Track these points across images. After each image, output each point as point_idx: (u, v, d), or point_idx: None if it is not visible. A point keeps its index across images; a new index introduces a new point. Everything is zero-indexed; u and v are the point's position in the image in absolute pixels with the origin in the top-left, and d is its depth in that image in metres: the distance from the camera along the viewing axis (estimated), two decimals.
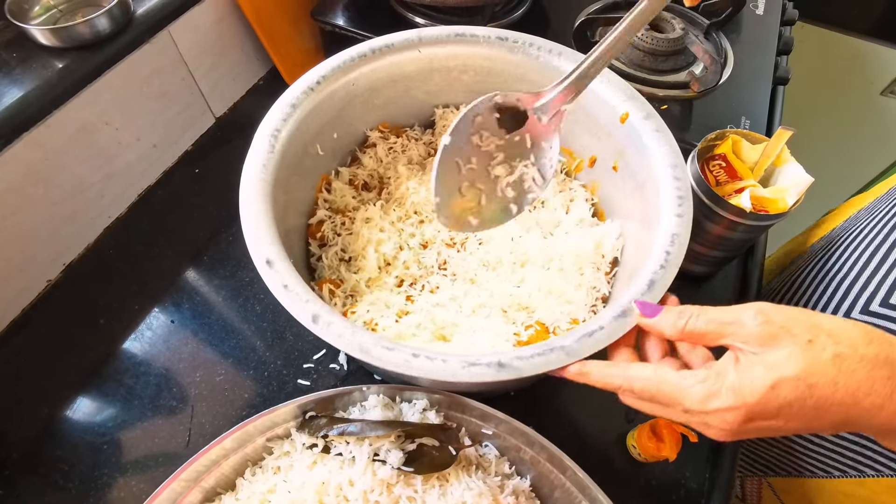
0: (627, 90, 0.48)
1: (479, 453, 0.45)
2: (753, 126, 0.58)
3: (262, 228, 0.40)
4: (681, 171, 0.42)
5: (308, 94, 0.47)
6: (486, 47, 0.52)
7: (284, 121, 0.46)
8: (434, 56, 0.53)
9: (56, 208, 0.54)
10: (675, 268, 0.37)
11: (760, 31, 0.71)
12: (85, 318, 0.54)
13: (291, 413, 0.44)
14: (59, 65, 0.51)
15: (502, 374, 0.33)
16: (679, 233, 0.39)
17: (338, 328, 0.36)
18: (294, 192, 0.49)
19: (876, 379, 0.26)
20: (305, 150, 0.49)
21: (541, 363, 0.34)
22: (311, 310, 0.36)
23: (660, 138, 0.45)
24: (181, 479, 0.40)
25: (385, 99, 0.55)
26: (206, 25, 0.63)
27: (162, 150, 0.64)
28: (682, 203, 0.41)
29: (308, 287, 0.38)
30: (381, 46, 0.51)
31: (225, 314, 0.55)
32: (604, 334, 0.35)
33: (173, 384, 0.51)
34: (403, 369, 0.34)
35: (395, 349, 0.35)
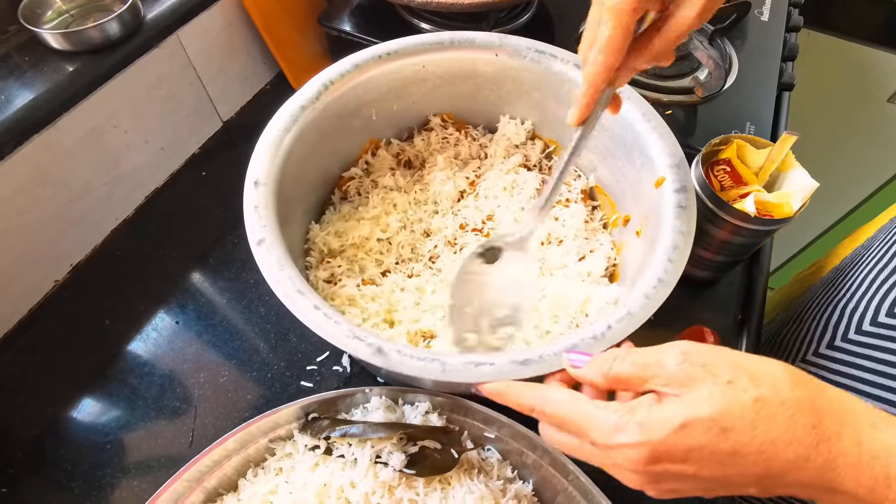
0: (677, 154, 0.45)
1: (482, 457, 0.44)
2: (758, 131, 0.58)
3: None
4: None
5: (377, 61, 0.51)
6: (561, 64, 0.52)
7: (342, 76, 0.50)
8: (508, 65, 0.53)
9: (64, 209, 0.54)
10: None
11: (765, 38, 0.71)
12: (91, 319, 0.55)
13: (294, 414, 0.44)
14: (69, 68, 0.52)
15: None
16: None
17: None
18: (337, 142, 0.54)
19: (799, 426, 0.23)
20: (358, 111, 0.53)
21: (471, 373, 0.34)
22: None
23: (681, 213, 0.41)
24: (183, 479, 0.40)
25: (455, 92, 0.57)
26: (215, 30, 0.64)
27: (169, 153, 0.65)
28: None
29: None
30: (459, 40, 0.52)
31: (229, 316, 0.56)
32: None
33: (177, 385, 0.51)
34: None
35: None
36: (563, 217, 0.52)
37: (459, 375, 0.33)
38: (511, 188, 0.55)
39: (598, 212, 0.55)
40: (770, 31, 0.72)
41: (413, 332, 0.47)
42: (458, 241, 0.53)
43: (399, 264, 0.52)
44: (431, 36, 0.52)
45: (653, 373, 0.26)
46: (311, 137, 0.49)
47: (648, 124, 0.46)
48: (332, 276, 0.50)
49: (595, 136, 0.49)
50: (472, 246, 0.52)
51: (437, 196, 0.56)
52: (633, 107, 0.46)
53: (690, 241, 0.39)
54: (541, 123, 0.58)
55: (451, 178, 0.56)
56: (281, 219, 0.43)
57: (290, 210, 0.47)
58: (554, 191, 0.39)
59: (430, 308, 0.48)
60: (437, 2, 0.59)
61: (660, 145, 0.44)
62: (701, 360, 0.25)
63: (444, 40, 0.52)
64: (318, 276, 0.50)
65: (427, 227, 0.55)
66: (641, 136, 0.46)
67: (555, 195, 0.40)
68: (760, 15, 0.74)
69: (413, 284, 0.49)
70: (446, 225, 0.54)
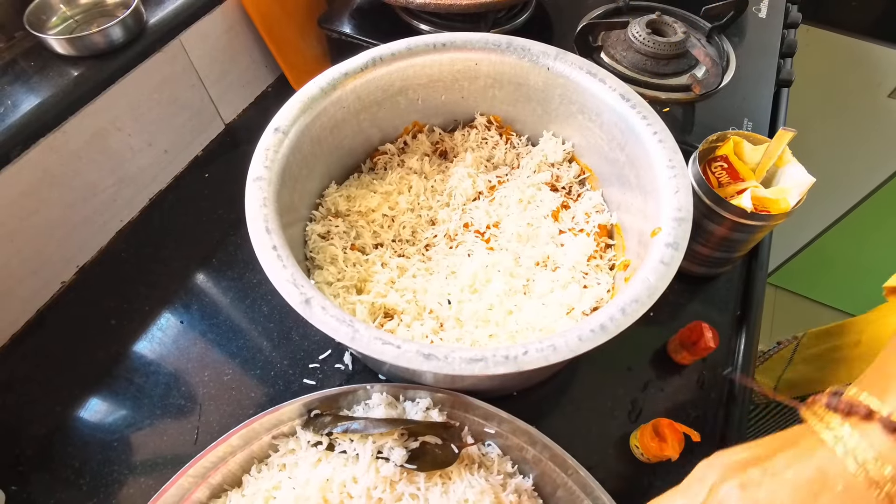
0: (684, 208, 0.41)
1: (482, 452, 0.45)
2: (756, 128, 0.59)
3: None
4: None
5: (430, 49, 0.53)
6: (608, 91, 0.50)
7: (393, 55, 0.52)
8: (557, 81, 0.54)
9: (70, 211, 0.55)
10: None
11: (763, 34, 0.71)
12: (97, 319, 0.56)
13: (297, 411, 0.45)
14: (74, 73, 0.52)
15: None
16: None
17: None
18: (380, 114, 0.56)
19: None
20: (403, 91, 0.56)
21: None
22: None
23: (658, 269, 0.39)
24: (188, 475, 0.41)
25: (505, 97, 0.58)
26: (216, 34, 0.65)
27: (173, 156, 0.66)
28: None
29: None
30: (516, 46, 0.53)
31: (233, 315, 0.56)
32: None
33: (182, 384, 0.52)
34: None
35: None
36: (568, 245, 0.52)
37: (364, 347, 0.34)
38: (527, 202, 0.55)
39: (612, 251, 0.53)
40: (768, 27, 0.72)
41: (377, 306, 0.48)
42: (457, 238, 0.54)
43: (395, 242, 0.54)
44: (491, 37, 0.53)
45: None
46: (350, 102, 0.52)
47: (671, 171, 0.43)
48: (328, 233, 0.52)
49: (627, 172, 0.50)
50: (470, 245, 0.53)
51: (453, 190, 0.57)
52: (663, 152, 0.45)
53: (651, 299, 0.37)
54: (582, 148, 0.57)
55: (472, 177, 0.57)
56: (294, 169, 0.47)
57: (310, 164, 0.50)
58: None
59: (402, 289, 0.49)
60: (434, 3, 0.60)
61: (673, 198, 0.42)
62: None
63: (501, 43, 0.53)
64: (314, 229, 0.51)
65: (434, 216, 0.56)
66: (661, 184, 0.44)
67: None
68: (758, 12, 0.74)
69: (396, 263, 0.51)
70: (451, 219, 0.55)
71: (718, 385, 0.52)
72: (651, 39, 0.62)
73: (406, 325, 0.47)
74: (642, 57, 0.63)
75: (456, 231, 0.54)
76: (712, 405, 0.51)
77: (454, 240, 0.54)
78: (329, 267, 0.49)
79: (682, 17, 0.71)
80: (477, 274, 0.50)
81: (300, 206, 0.50)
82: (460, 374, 0.33)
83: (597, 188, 0.57)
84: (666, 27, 0.64)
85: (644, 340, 0.55)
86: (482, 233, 0.54)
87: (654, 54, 0.62)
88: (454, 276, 0.51)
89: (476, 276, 0.49)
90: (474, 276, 0.49)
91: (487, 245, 0.53)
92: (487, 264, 0.50)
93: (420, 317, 0.48)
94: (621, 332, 0.35)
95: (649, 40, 0.62)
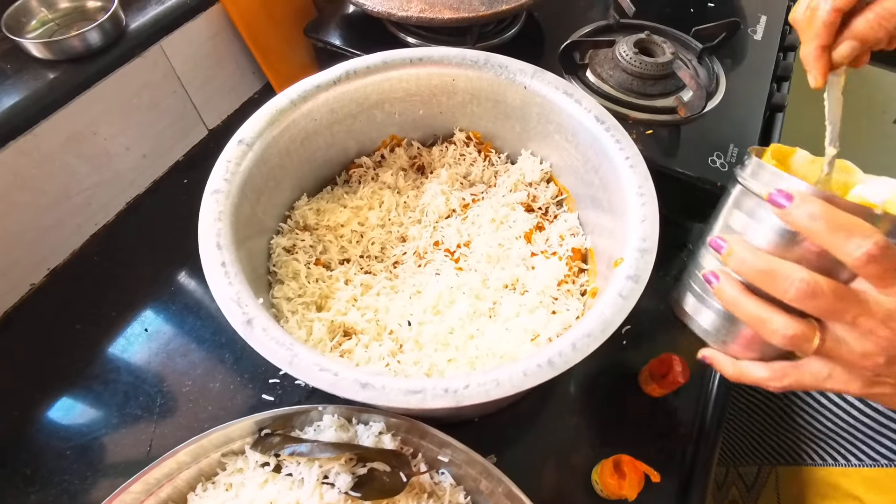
0: (649, 239, 0.40)
1: (435, 481, 0.44)
2: (741, 154, 0.57)
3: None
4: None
5: (406, 63, 0.52)
6: (583, 112, 0.49)
7: (368, 68, 0.52)
8: (535, 100, 0.53)
9: (42, 214, 0.55)
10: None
11: (757, 57, 0.69)
12: (63, 323, 0.55)
13: (248, 429, 0.44)
14: (50, 76, 0.52)
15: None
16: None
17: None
18: (356, 127, 0.55)
19: None
20: (380, 104, 0.55)
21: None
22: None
23: (616, 302, 0.37)
24: (130, 490, 0.40)
25: (484, 113, 0.57)
26: (200, 40, 0.65)
27: (152, 160, 0.65)
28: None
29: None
30: (494, 63, 0.52)
31: (198, 326, 0.56)
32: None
33: (140, 393, 0.51)
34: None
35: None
36: (539, 268, 0.50)
37: (302, 373, 0.33)
38: (500, 222, 0.54)
39: (585, 276, 0.51)
40: (763, 50, 0.71)
41: (336, 324, 0.47)
42: (426, 256, 0.53)
43: (363, 258, 0.53)
44: (468, 52, 0.52)
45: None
46: (323, 115, 0.51)
47: (641, 198, 0.42)
48: (293, 246, 0.51)
49: (601, 196, 0.49)
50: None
51: (425, 207, 0.56)
52: (633, 178, 0.43)
53: (605, 334, 0.35)
54: (559, 168, 0.56)
55: (445, 194, 0.56)
56: (259, 182, 0.47)
57: (277, 176, 0.50)
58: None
59: (363, 307, 0.47)
60: (416, 16, 0.59)
61: (638, 227, 0.41)
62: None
63: (478, 59, 0.52)
64: (279, 242, 0.50)
65: (404, 232, 0.55)
66: (629, 211, 0.42)
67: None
68: (754, 34, 0.72)
69: (361, 280, 0.49)
70: (422, 236, 0.54)
71: (688, 420, 0.50)
72: (638, 59, 0.61)
73: (364, 345, 0.46)
74: (629, 77, 0.62)
75: (426, 249, 0.53)
76: (681, 441, 0.49)
77: (423, 258, 0.53)
78: (290, 282, 0.48)
79: (673, 38, 0.70)
80: (441, 295, 0.48)
81: (265, 219, 0.50)
82: (396, 406, 0.32)
83: (573, 210, 0.56)
84: (654, 47, 0.63)
85: (616, 369, 0.54)
86: (452, 252, 0.53)
87: (641, 74, 0.61)
88: (419, 295, 0.49)
89: (440, 297, 0.48)
90: (438, 297, 0.48)
91: (457, 265, 0.52)
92: (453, 285, 0.49)
93: (379, 337, 0.47)
94: (594, 357, 0.34)
95: (636, 60, 0.61)
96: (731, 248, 0.31)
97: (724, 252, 0.31)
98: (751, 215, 0.33)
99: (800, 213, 0.27)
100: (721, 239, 0.31)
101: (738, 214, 0.34)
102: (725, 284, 0.31)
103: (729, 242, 0.31)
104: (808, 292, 0.27)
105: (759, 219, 0.32)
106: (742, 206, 0.34)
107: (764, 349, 0.34)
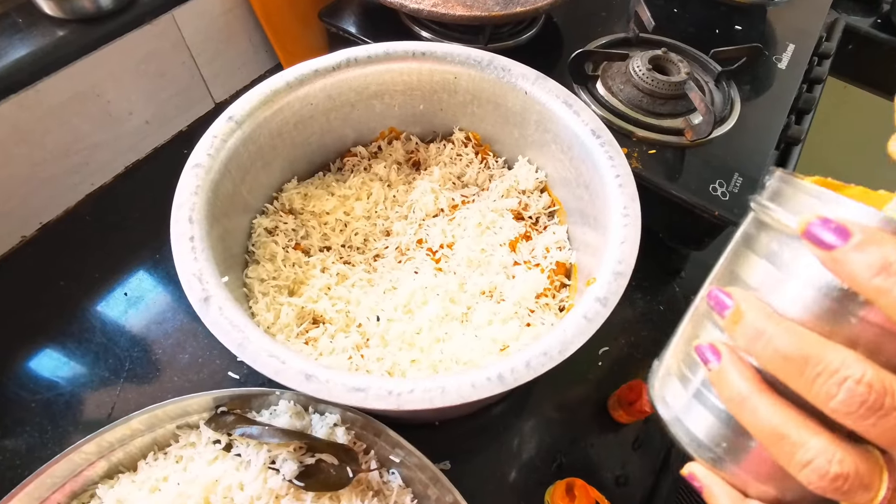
0: (625, 262, 0.39)
1: (384, 479, 0.43)
2: (745, 185, 0.55)
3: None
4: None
5: (408, 57, 0.52)
6: (581, 125, 0.48)
7: (369, 57, 0.51)
8: (535, 108, 0.52)
9: (38, 169, 0.56)
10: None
11: (778, 86, 0.67)
12: (47, 278, 0.56)
13: (205, 405, 0.44)
14: (59, 33, 0.53)
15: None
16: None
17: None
18: (354, 115, 0.55)
19: None
20: (379, 95, 0.54)
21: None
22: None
23: (579, 324, 0.36)
24: (82, 451, 0.41)
25: (484, 114, 0.56)
26: (213, 14, 0.65)
27: (155, 127, 0.66)
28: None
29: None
30: (497, 65, 0.52)
31: (177, 296, 0.56)
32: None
33: (110, 356, 0.52)
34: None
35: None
36: (519, 278, 0.49)
37: (249, 358, 0.33)
38: (486, 227, 0.53)
39: (566, 291, 0.50)
40: (786, 79, 0.68)
41: (306, 311, 0.46)
42: (408, 253, 0.52)
43: (343, 248, 0.52)
44: (472, 52, 0.52)
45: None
46: (320, 100, 0.51)
47: (625, 219, 0.41)
48: (275, 228, 0.51)
49: (589, 212, 0.48)
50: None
51: (413, 203, 0.55)
52: (620, 198, 0.42)
53: (562, 355, 0.34)
54: (554, 179, 0.55)
55: (435, 193, 0.55)
56: (245, 160, 0.47)
57: (266, 157, 0.50)
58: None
59: (335, 297, 0.47)
60: (428, 10, 0.58)
61: (617, 248, 0.40)
62: None
63: (482, 59, 0.52)
64: (261, 222, 0.51)
65: (389, 226, 0.54)
66: (611, 230, 0.41)
67: None
68: (778, 62, 0.70)
69: (338, 270, 0.49)
70: (406, 232, 0.53)
71: (654, 451, 0.49)
72: (650, 76, 0.59)
73: (330, 335, 0.46)
74: (639, 93, 0.60)
75: (408, 245, 0.53)
76: (641, 471, 0.48)
77: (405, 254, 0.52)
78: (266, 264, 0.48)
79: (692, 58, 0.68)
80: (415, 294, 0.48)
81: (250, 198, 0.50)
82: (338, 401, 0.31)
83: (564, 223, 0.54)
84: (669, 65, 0.61)
85: (588, 390, 0.52)
86: (434, 252, 0.52)
87: (652, 92, 0.59)
88: (393, 291, 0.49)
89: (413, 296, 0.48)
90: (411, 296, 0.48)
91: (437, 265, 0.51)
92: (428, 286, 0.48)
93: (347, 329, 0.46)
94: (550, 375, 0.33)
95: (648, 76, 0.59)
96: (739, 308, 0.19)
97: (727, 315, 0.20)
98: (773, 260, 0.20)
99: (862, 260, 0.16)
100: (724, 293, 0.20)
101: (751, 259, 0.21)
102: (729, 369, 0.20)
103: (736, 300, 0.20)
104: (870, 401, 0.16)
105: (785, 266, 0.20)
106: (758, 245, 0.21)
107: (786, 483, 0.20)
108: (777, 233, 0.20)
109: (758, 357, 0.19)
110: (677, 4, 0.79)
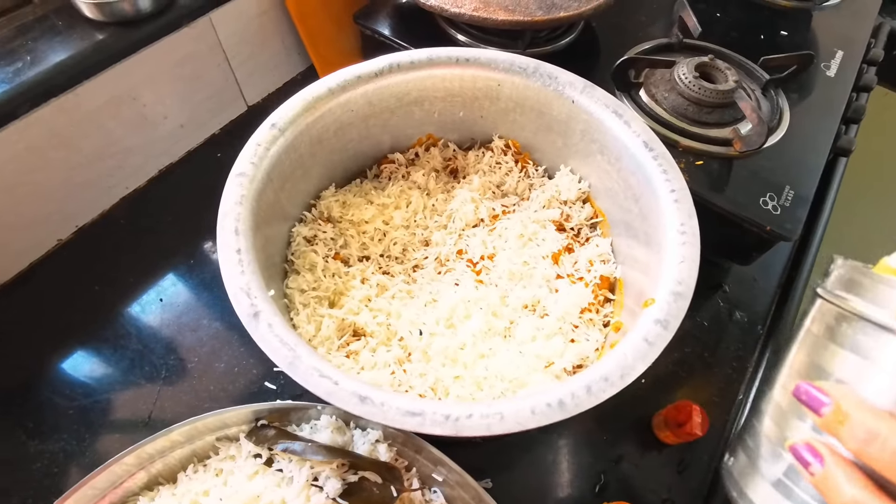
0: (685, 283, 0.38)
1: (427, 498, 0.42)
2: (797, 198, 0.53)
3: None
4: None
5: (451, 63, 0.51)
6: (632, 136, 0.46)
7: (412, 63, 0.50)
8: (581, 117, 0.51)
9: (74, 173, 0.56)
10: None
11: (828, 95, 0.64)
12: (83, 282, 0.56)
13: (244, 417, 0.43)
14: (98, 37, 0.53)
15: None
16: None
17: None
18: (392, 121, 0.54)
19: None
20: (419, 102, 0.53)
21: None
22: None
23: (641, 348, 0.35)
24: (123, 462, 0.40)
25: (526, 123, 0.55)
26: (249, 16, 0.64)
27: (189, 131, 0.66)
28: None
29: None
30: (543, 72, 0.50)
31: (211, 302, 0.55)
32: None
33: (147, 362, 0.51)
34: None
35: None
36: (563, 292, 0.47)
37: (300, 377, 0.32)
38: (528, 239, 0.52)
39: (610, 306, 0.48)
40: (835, 87, 0.66)
41: (347, 323, 0.45)
42: (447, 264, 0.51)
43: (382, 258, 0.51)
44: (517, 58, 0.50)
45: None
46: (360, 106, 0.50)
47: (682, 237, 0.39)
48: (314, 237, 0.50)
49: (638, 226, 0.46)
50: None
51: (453, 213, 0.54)
52: (677, 214, 0.41)
53: (624, 381, 0.33)
54: (598, 190, 0.53)
55: (475, 202, 0.54)
56: (286, 168, 0.46)
57: (306, 164, 0.49)
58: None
59: (376, 309, 0.46)
60: (469, 15, 0.57)
61: (675, 268, 0.38)
62: None
63: (527, 66, 0.50)
64: (300, 231, 0.50)
65: (428, 236, 0.53)
66: (667, 248, 0.39)
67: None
68: (827, 69, 0.67)
69: (378, 280, 0.48)
70: (446, 243, 0.52)
71: (700, 475, 0.47)
72: (697, 84, 0.57)
73: (371, 349, 0.45)
74: (684, 101, 0.58)
75: (448, 256, 0.52)
76: (688, 496, 0.46)
77: (444, 265, 0.51)
78: (306, 274, 0.47)
79: (738, 64, 0.65)
80: (457, 307, 0.47)
81: (289, 206, 0.49)
82: (393, 426, 0.30)
83: (607, 235, 0.53)
84: (717, 73, 0.59)
85: (630, 407, 0.51)
86: (475, 263, 0.51)
87: (699, 100, 0.57)
88: (434, 304, 0.48)
89: (455, 310, 0.46)
90: (453, 309, 0.46)
91: (477, 277, 0.50)
92: (470, 299, 0.47)
93: (388, 343, 0.45)
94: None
95: (695, 84, 0.57)
96: (840, 408, 0.18)
97: (827, 413, 0.19)
98: (861, 352, 0.20)
99: None
100: (817, 389, 0.19)
101: (835, 351, 0.21)
102: (837, 473, 0.18)
103: (834, 397, 0.19)
104: None
105: (877, 358, 0.20)
106: (842, 337, 0.21)
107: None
108: (863, 325, 0.21)
109: (873, 461, 0.17)
110: (719, 8, 0.77)
